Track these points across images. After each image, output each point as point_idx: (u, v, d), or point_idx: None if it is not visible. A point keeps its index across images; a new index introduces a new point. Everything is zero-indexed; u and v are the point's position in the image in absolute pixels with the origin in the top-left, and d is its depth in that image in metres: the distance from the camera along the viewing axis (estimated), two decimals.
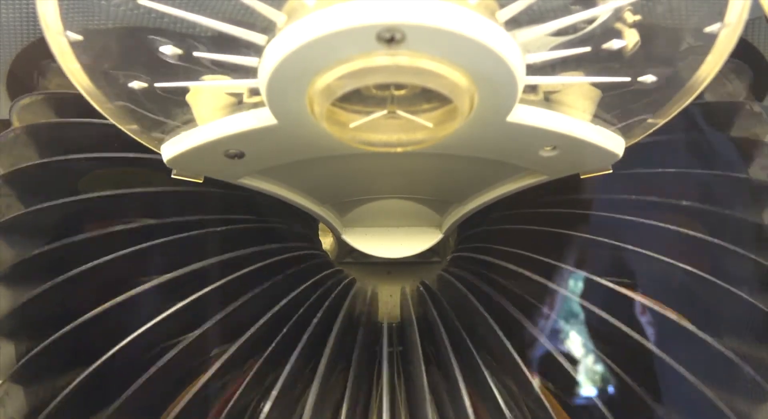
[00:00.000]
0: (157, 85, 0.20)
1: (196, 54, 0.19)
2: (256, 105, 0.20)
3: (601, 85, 0.21)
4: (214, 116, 0.21)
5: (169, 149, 0.22)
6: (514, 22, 0.17)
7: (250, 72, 0.18)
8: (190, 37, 0.19)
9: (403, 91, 0.19)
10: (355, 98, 0.19)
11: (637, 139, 0.23)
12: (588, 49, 0.19)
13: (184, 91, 0.21)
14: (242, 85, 0.20)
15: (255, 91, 0.20)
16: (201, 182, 0.24)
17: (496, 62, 0.17)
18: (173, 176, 0.24)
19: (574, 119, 0.21)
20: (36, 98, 0.30)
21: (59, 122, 0.30)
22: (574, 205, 0.30)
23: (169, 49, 0.19)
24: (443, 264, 0.38)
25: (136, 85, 0.20)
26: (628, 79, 0.20)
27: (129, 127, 0.22)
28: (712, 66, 0.20)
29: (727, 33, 0.19)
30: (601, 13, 0.19)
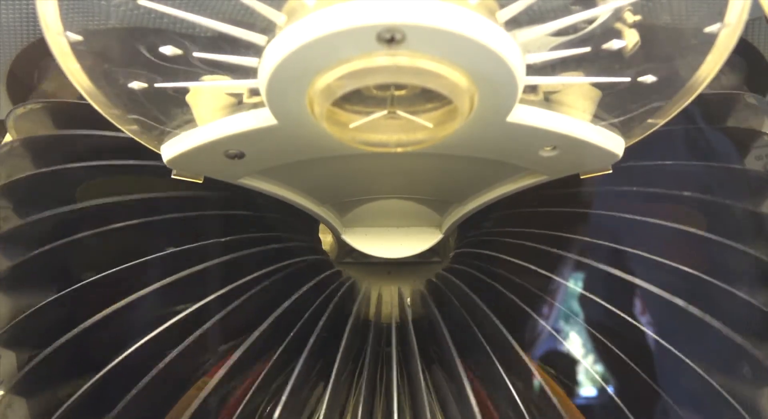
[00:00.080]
0: (157, 85, 0.20)
1: (196, 54, 0.19)
2: (256, 105, 0.20)
3: (601, 86, 0.21)
4: (214, 116, 0.21)
5: (169, 150, 0.22)
6: (514, 23, 0.17)
7: (250, 72, 0.18)
8: (190, 37, 0.19)
9: (403, 92, 0.19)
10: (355, 99, 0.18)
11: (637, 139, 0.23)
12: (588, 49, 0.19)
13: (184, 92, 0.21)
14: (242, 85, 0.20)
15: (255, 92, 0.20)
16: (201, 182, 0.24)
17: (496, 62, 0.17)
18: (173, 176, 0.24)
19: (574, 119, 0.21)
20: (32, 107, 0.30)
21: (54, 134, 0.29)
22: (574, 201, 0.30)
23: (169, 50, 0.19)
24: (444, 264, 0.38)
25: (136, 85, 0.20)
26: (628, 79, 0.20)
27: (129, 127, 0.22)
28: (712, 66, 0.20)
29: (727, 33, 0.19)
30: (601, 13, 0.19)
